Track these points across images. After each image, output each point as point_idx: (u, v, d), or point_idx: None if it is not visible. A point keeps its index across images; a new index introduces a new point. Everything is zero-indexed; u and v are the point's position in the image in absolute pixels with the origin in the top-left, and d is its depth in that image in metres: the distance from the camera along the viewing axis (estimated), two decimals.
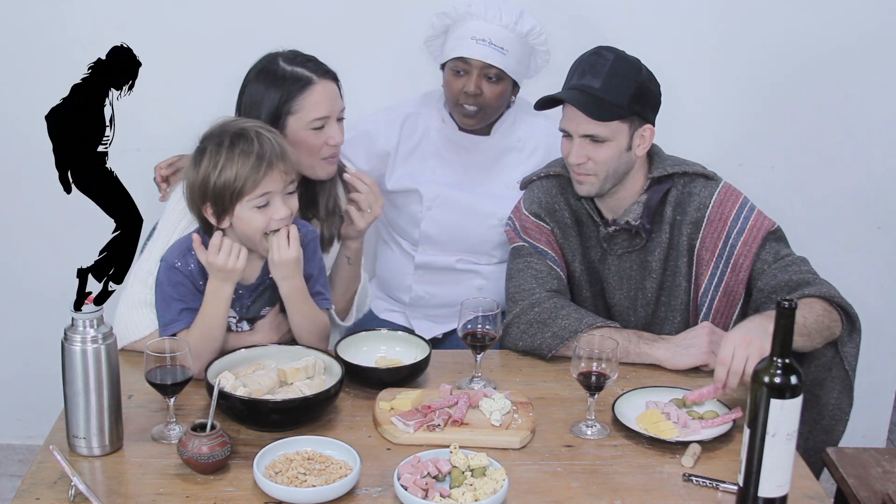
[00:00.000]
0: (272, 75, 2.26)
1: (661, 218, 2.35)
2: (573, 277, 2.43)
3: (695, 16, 2.91)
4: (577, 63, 2.30)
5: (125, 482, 1.79)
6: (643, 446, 1.93)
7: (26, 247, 3.12)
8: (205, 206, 2.05)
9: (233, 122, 2.10)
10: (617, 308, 2.43)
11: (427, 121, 2.73)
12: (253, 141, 2.01)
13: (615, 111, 2.22)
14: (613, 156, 2.26)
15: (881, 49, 2.93)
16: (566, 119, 2.28)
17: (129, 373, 2.00)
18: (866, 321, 3.19)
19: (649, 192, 2.34)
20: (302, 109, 2.25)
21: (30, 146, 3.01)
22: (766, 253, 2.30)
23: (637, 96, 2.24)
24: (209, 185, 2.01)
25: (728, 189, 2.35)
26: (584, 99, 2.22)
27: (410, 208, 2.74)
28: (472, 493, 1.71)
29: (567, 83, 2.30)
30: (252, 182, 2.00)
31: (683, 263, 2.35)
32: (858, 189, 3.06)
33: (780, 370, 1.62)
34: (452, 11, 2.58)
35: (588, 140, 2.25)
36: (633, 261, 2.38)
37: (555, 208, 2.43)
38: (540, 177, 2.48)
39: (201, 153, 2.04)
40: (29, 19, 2.89)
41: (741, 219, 2.31)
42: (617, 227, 2.34)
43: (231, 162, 2.00)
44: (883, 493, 2.15)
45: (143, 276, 2.24)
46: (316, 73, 2.27)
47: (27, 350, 3.19)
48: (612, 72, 2.23)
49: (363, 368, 2.11)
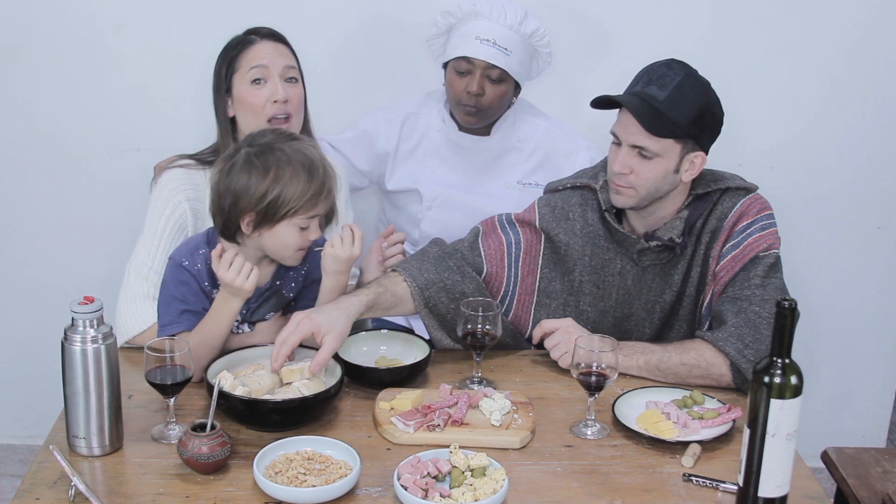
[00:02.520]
0: (225, 51, 2.35)
1: (692, 231, 2.25)
2: (572, 285, 2.33)
3: (695, 16, 2.91)
4: (646, 70, 2.18)
5: (125, 482, 1.79)
6: (643, 446, 1.93)
7: (26, 247, 3.12)
8: (246, 214, 2.02)
9: (289, 139, 2.07)
10: (633, 319, 2.33)
11: (427, 121, 2.73)
12: (319, 168, 2.03)
13: (672, 129, 2.10)
14: (658, 175, 2.14)
15: (881, 49, 2.93)
16: (620, 124, 2.16)
17: (129, 373, 2.00)
18: (866, 321, 3.21)
19: (690, 208, 2.23)
20: (242, 66, 2.31)
21: (30, 147, 3.03)
22: (741, 276, 2.18)
23: (698, 119, 2.13)
24: (266, 197, 1.99)
25: (753, 200, 2.23)
26: (644, 108, 2.09)
27: (410, 208, 2.74)
28: (472, 493, 1.71)
29: (630, 87, 2.18)
30: (308, 205, 2.02)
31: (696, 274, 2.26)
32: (858, 189, 3.07)
33: (780, 370, 1.62)
34: (457, 10, 2.58)
35: (636, 152, 2.13)
36: (656, 273, 2.28)
37: (568, 216, 2.32)
38: (566, 186, 2.37)
39: (261, 161, 2.01)
40: (29, 19, 2.89)
41: (744, 234, 2.20)
42: (658, 241, 2.22)
43: (297, 181, 2.00)
44: (883, 493, 2.15)
45: (138, 269, 2.24)
46: (259, 34, 2.34)
47: (27, 350, 3.19)
48: (679, 87, 2.11)
49: (363, 368, 2.11)
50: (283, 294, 2.18)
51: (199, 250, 2.11)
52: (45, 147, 3.03)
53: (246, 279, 2.00)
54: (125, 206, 3.00)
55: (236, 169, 2.02)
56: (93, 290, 1.88)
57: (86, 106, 2.97)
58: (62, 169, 3.03)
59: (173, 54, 2.92)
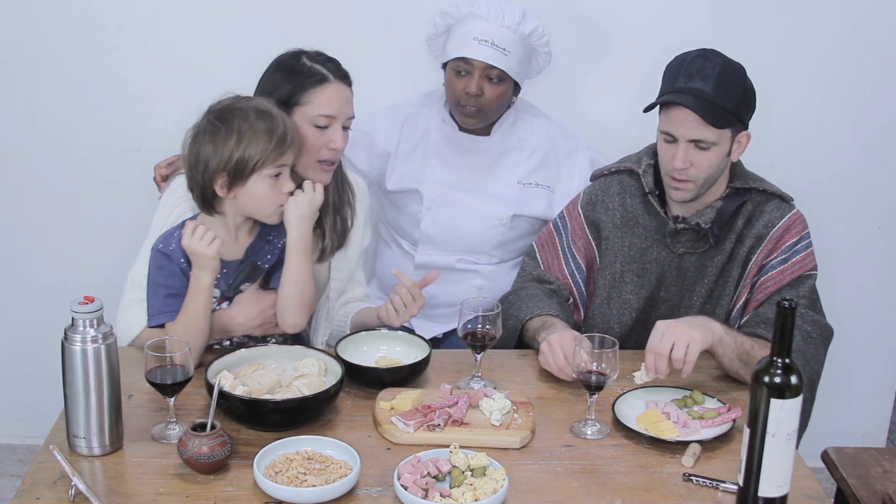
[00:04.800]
0: (291, 68, 2.27)
1: (732, 228, 2.34)
2: (614, 277, 2.42)
3: (695, 16, 2.91)
4: (680, 64, 2.25)
5: (125, 482, 1.79)
6: (643, 446, 1.93)
7: (26, 247, 3.12)
8: (218, 177, 2.10)
9: (247, 100, 2.17)
10: (664, 305, 2.41)
11: (427, 121, 2.73)
12: (277, 119, 2.12)
13: (727, 117, 2.20)
14: (716, 162, 2.24)
15: (881, 48, 2.93)
16: (673, 122, 2.23)
17: (129, 373, 2.00)
18: (866, 321, 3.21)
19: (726, 200, 2.33)
20: (310, 103, 2.24)
21: (30, 147, 3.03)
22: (788, 291, 2.28)
23: (742, 101, 2.23)
24: (233, 157, 2.08)
25: (798, 217, 2.34)
26: (699, 104, 2.18)
27: (410, 208, 2.74)
28: (472, 493, 1.71)
29: (672, 85, 2.24)
30: (274, 155, 2.09)
31: (736, 274, 2.34)
32: (858, 189, 3.06)
33: (780, 370, 1.62)
34: (455, 11, 2.58)
35: (693, 145, 2.21)
36: (693, 262, 2.36)
37: (608, 206, 2.43)
38: (611, 171, 2.47)
39: (224, 125, 2.10)
40: (29, 20, 2.89)
41: (792, 250, 2.30)
42: (686, 225, 2.33)
43: (257, 136, 2.08)
44: (883, 493, 2.15)
45: (137, 278, 2.24)
46: (334, 73, 2.28)
47: (27, 350, 3.19)
48: (722, 76, 2.20)
49: (363, 368, 2.11)
50: (258, 265, 2.21)
51: (176, 232, 2.17)
52: (45, 147, 3.03)
53: (208, 245, 2.08)
54: (125, 205, 3.00)
55: (200, 136, 2.12)
56: (93, 290, 1.88)
57: (86, 106, 2.97)
58: (62, 169, 3.03)
59: (173, 54, 2.92)
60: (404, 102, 2.78)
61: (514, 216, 2.70)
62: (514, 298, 2.41)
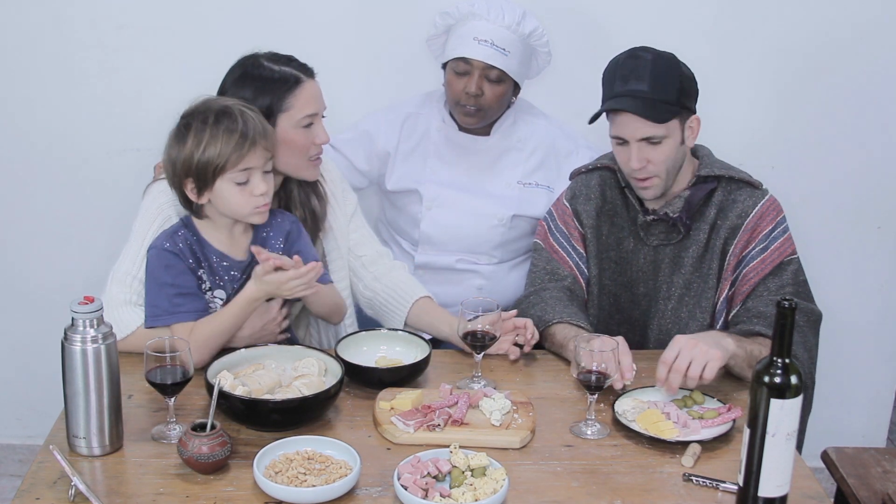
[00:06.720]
0: (258, 78, 2.24)
1: (703, 217, 2.36)
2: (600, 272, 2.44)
3: (695, 17, 2.91)
4: (615, 68, 2.29)
5: (125, 482, 1.79)
6: (643, 446, 1.93)
7: (26, 247, 3.12)
8: (186, 181, 2.07)
9: (216, 100, 2.13)
10: (643, 300, 2.43)
11: (427, 121, 2.73)
12: (237, 118, 2.06)
13: (670, 110, 2.23)
14: (671, 152, 2.27)
15: (881, 48, 2.93)
16: (620, 126, 2.27)
17: (129, 373, 2.00)
18: (866, 321, 3.21)
19: (693, 188, 2.35)
20: (293, 107, 2.24)
21: (30, 147, 3.03)
22: (773, 280, 2.30)
23: (682, 90, 2.26)
24: (193, 160, 2.04)
25: (771, 203, 2.35)
26: (639, 104, 2.22)
27: (410, 208, 2.74)
28: (472, 493, 1.71)
29: (611, 91, 2.28)
30: (236, 157, 2.04)
31: (715, 266, 2.35)
32: (858, 189, 3.06)
33: (780, 370, 1.62)
34: (455, 11, 2.58)
35: (645, 143, 2.25)
36: (667, 254, 2.39)
37: (590, 197, 2.45)
38: (589, 169, 2.49)
39: (186, 129, 2.07)
40: (30, 20, 2.89)
41: (769, 238, 2.32)
42: (655, 216, 2.35)
43: (215, 138, 2.04)
44: (883, 493, 2.15)
45: (122, 277, 2.21)
46: (302, 72, 2.28)
47: (27, 350, 3.19)
48: (656, 71, 2.24)
49: (363, 368, 2.11)
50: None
51: (178, 232, 2.14)
52: (44, 147, 3.03)
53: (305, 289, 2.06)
54: (125, 206, 2.98)
55: (170, 142, 2.09)
56: (93, 290, 1.88)
57: (86, 106, 2.97)
58: (62, 169, 3.03)
59: (173, 54, 2.92)
60: (404, 102, 2.78)
61: (514, 216, 2.70)
62: (535, 299, 2.40)
